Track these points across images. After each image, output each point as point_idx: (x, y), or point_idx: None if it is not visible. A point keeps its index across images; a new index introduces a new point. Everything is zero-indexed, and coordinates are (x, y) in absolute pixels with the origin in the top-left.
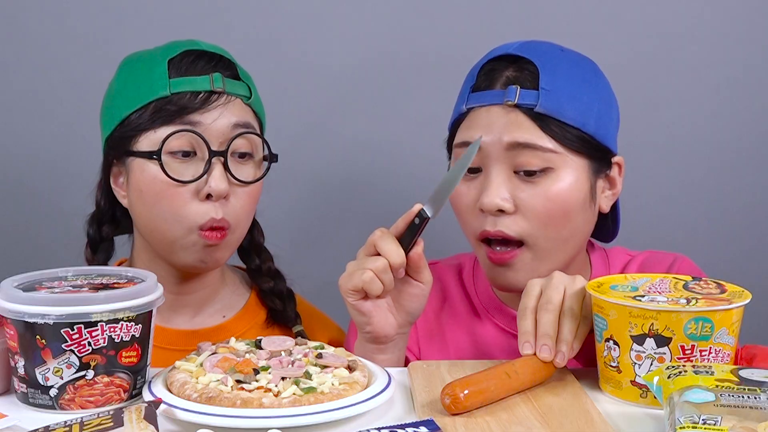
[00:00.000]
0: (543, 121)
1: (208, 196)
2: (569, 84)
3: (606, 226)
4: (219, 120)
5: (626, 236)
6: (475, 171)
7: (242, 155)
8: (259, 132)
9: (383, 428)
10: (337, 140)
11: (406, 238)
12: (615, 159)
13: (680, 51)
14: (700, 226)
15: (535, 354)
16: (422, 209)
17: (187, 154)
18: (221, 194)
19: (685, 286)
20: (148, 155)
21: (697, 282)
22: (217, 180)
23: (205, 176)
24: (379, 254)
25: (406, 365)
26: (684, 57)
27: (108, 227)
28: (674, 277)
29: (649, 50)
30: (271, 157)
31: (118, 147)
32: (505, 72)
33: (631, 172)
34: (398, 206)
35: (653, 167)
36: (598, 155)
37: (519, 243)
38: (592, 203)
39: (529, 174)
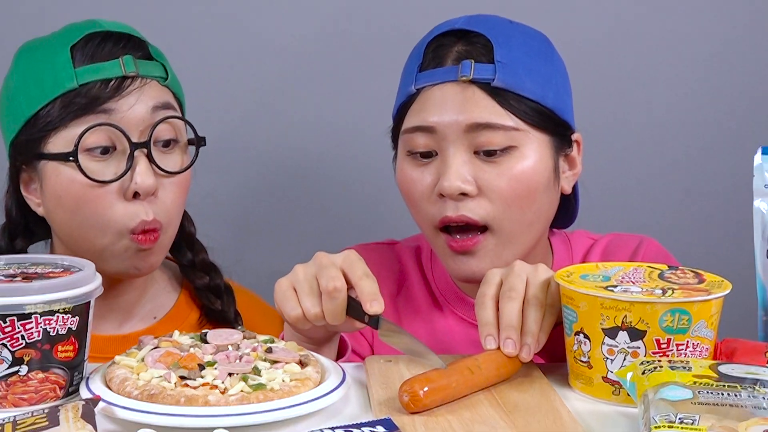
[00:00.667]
0: (501, 96)
1: (135, 195)
2: (525, 56)
3: (566, 208)
4: (136, 106)
5: (588, 220)
6: (427, 156)
7: (166, 143)
8: (180, 114)
9: (337, 428)
10: (285, 121)
11: (355, 308)
12: (574, 136)
13: (655, 21)
14: (674, 209)
15: (498, 348)
16: (378, 318)
17: (106, 150)
18: (149, 191)
19: (661, 276)
20: (63, 157)
21: (674, 271)
22: (143, 175)
23: (129, 172)
24: (332, 287)
25: (360, 357)
26: (658, 27)
27: (22, 240)
28: (649, 266)
29: (618, 21)
30: (198, 141)
31: (26, 150)
32: (454, 47)
33: (593, 150)
34: (351, 191)
35: (619, 145)
36: (559, 131)
37: (481, 229)
38: (556, 183)
39: (491, 154)
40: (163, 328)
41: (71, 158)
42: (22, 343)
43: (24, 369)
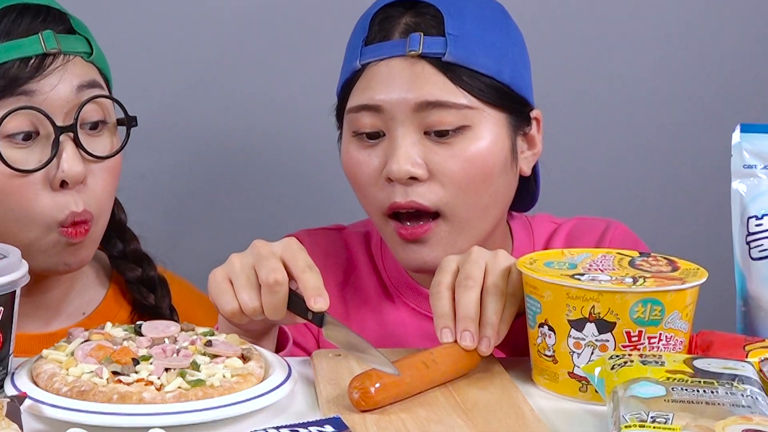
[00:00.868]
0: (453, 72)
1: (63, 184)
2: (478, 27)
3: (526, 190)
4: (59, 86)
5: (551, 204)
6: (374, 136)
7: (94, 125)
8: (108, 92)
9: (283, 427)
10: (224, 98)
11: (297, 302)
12: (533, 113)
13: None
14: (644, 192)
15: (455, 341)
16: (323, 315)
17: (29, 136)
18: (77, 178)
19: (632, 263)
20: None
21: (645, 258)
22: (70, 162)
23: (55, 160)
24: (272, 279)
25: (303, 349)
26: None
27: None
28: (619, 253)
29: None
30: (129, 121)
31: None
32: (401, 19)
33: (555, 128)
34: (295, 173)
35: (584, 123)
36: (517, 108)
37: (433, 215)
38: (513, 164)
39: (442, 134)
40: (92, 324)
41: None
42: None
43: None
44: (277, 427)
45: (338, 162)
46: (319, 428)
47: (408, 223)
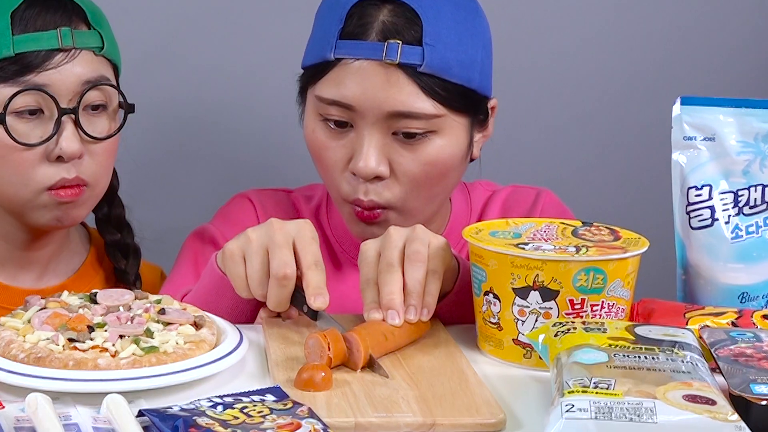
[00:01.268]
0: (426, 82)
1: (59, 158)
2: (453, 34)
3: None
4: (68, 78)
5: (494, 172)
6: (342, 125)
7: (95, 107)
8: (114, 81)
9: (225, 396)
10: (184, 67)
11: (296, 296)
12: (491, 103)
13: None
14: (587, 162)
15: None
16: (318, 314)
17: (34, 112)
18: (73, 155)
19: (575, 233)
20: None
21: (588, 228)
22: (68, 140)
23: (55, 137)
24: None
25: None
26: None
27: None
28: (562, 223)
29: None
30: (128, 107)
31: None
32: (379, 15)
33: (498, 97)
34: (256, 144)
35: (525, 92)
36: (479, 107)
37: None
38: (468, 155)
39: (409, 136)
40: (75, 285)
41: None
42: None
43: None
44: (221, 396)
45: (294, 130)
46: (261, 397)
47: (365, 211)
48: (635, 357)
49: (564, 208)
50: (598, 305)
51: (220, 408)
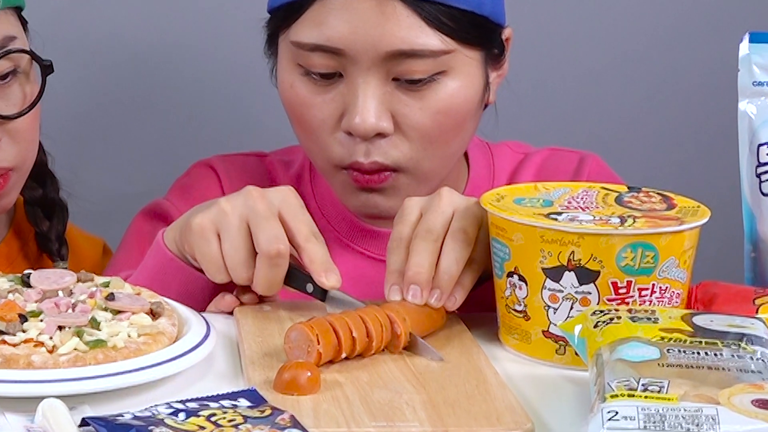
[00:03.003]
0: (428, 11)
1: None
2: None
3: None
4: None
5: (518, 130)
6: (329, 76)
7: (3, 77)
8: (20, 32)
9: (189, 401)
10: (128, 4)
11: (295, 274)
12: (505, 33)
13: None
14: (634, 116)
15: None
16: (326, 294)
17: None
18: None
19: (619, 200)
20: None
21: (635, 194)
22: None
23: None
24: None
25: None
26: None
27: None
28: (603, 188)
29: None
30: (45, 69)
31: None
32: None
33: (520, 39)
34: (215, 91)
35: (556, 31)
36: (492, 38)
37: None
38: (484, 99)
39: (414, 81)
40: None
41: None
42: None
43: None
44: (183, 401)
45: (267, 80)
46: (232, 402)
47: (366, 176)
48: (693, 353)
49: (615, 177)
50: (647, 289)
51: (182, 416)
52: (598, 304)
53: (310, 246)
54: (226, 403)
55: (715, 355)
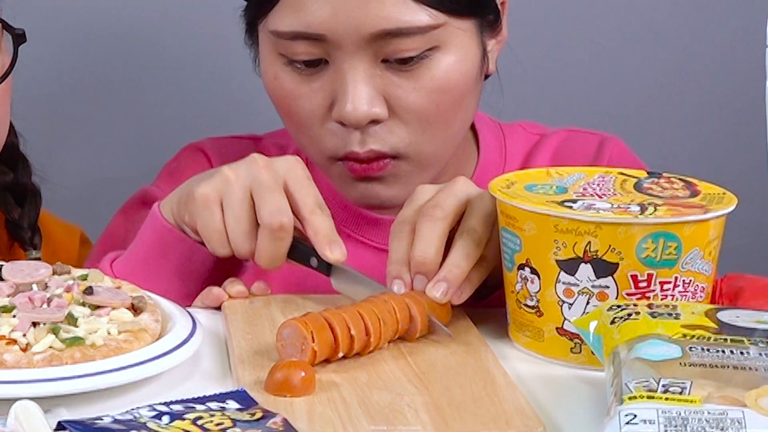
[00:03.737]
0: None
1: None
2: None
3: None
4: None
5: (528, 109)
6: (314, 64)
7: None
8: None
9: (173, 403)
10: None
11: (298, 248)
12: None
13: None
14: (653, 95)
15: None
16: (330, 269)
17: None
18: None
19: (638, 186)
20: None
21: (656, 180)
22: None
23: None
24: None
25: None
26: None
27: None
28: (621, 173)
29: None
30: (17, 39)
31: None
32: None
33: (531, 12)
34: (199, 69)
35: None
36: (485, 4)
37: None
38: (483, 70)
39: (404, 61)
40: None
41: None
42: None
43: None
44: (167, 403)
45: (243, 62)
46: (221, 404)
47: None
48: (718, 351)
49: (639, 163)
50: (669, 282)
51: (166, 419)
52: (616, 298)
53: (314, 218)
54: (213, 405)
55: (742, 353)
